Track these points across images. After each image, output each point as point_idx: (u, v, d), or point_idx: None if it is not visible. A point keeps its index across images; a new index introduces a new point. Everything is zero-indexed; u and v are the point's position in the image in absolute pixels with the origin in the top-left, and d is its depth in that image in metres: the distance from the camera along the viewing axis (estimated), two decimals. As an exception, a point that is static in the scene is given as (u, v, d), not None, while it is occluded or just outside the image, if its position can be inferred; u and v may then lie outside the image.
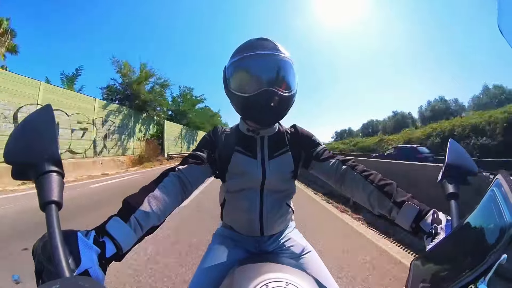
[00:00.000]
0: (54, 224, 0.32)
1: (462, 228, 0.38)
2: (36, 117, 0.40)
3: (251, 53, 0.66)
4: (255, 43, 0.69)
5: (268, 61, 0.67)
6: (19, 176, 0.37)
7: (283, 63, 0.67)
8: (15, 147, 0.37)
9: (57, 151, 0.38)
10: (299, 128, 0.82)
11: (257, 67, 0.67)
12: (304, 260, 0.76)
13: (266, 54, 0.66)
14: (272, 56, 0.66)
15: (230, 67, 0.70)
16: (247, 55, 0.67)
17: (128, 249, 0.46)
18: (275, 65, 0.67)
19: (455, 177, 0.54)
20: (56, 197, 0.34)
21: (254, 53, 0.66)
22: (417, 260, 0.42)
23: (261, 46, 0.67)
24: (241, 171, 0.73)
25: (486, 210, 0.34)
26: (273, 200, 0.75)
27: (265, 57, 0.66)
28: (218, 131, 0.78)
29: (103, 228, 0.43)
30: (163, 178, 0.61)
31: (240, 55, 0.68)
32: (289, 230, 0.85)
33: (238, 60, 0.68)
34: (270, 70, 0.67)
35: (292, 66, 0.69)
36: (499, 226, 0.28)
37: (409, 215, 0.56)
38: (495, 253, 0.25)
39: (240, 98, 0.68)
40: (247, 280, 0.52)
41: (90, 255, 0.37)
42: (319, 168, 0.77)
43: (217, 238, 0.83)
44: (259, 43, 0.68)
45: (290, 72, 0.68)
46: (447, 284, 0.29)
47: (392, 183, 0.63)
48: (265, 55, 0.66)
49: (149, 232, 0.52)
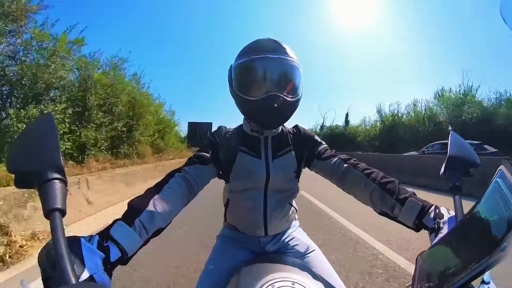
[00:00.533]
0: (59, 231, 0.32)
1: (467, 221, 0.38)
2: (38, 125, 0.41)
3: (259, 56, 0.65)
4: (263, 45, 0.67)
5: (275, 65, 0.66)
6: (22, 184, 0.37)
7: (290, 68, 0.67)
8: (18, 156, 0.37)
9: (59, 159, 0.38)
10: (301, 128, 0.82)
11: (264, 71, 0.66)
12: (309, 259, 0.76)
13: (274, 57, 0.65)
14: (280, 60, 0.65)
15: (237, 67, 0.69)
16: (255, 58, 0.66)
17: (133, 252, 0.46)
18: (283, 69, 0.66)
19: (458, 170, 0.54)
20: (60, 205, 0.35)
21: (262, 56, 0.65)
22: (423, 256, 0.42)
23: (269, 48, 0.66)
24: (246, 171, 0.73)
25: (491, 201, 0.33)
26: (276, 199, 0.75)
27: (273, 60, 0.65)
28: (221, 131, 0.78)
29: (107, 233, 0.44)
30: (169, 179, 0.61)
31: (247, 57, 0.67)
32: (293, 229, 0.85)
33: (245, 62, 0.67)
34: (277, 74, 0.66)
35: (299, 71, 0.68)
36: (505, 217, 0.28)
37: (412, 211, 0.55)
38: (502, 244, 0.25)
39: (245, 100, 0.68)
40: (253, 281, 0.52)
41: (94, 261, 0.37)
42: (321, 166, 0.77)
43: (221, 239, 0.84)
44: (267, 45, 0.67)
45: (297, 77, 0.68)
46: (454, 278, 0.29)
47: (394, 181, 0.63)
48: (273, 59, 0.65)
49: (154, 234, 0.52)
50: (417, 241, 2.45)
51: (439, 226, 0.49)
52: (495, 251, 0.25)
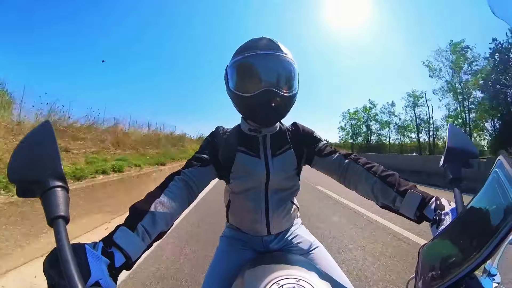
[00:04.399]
0: (63, 239, 0.32)
1: (467, 211, 0.38)
2: (36, 134, 0.41)
3: (253, 53, 0.66)
4: (257, 43, 0.68)
5: (269, 61, 0.66)
6: (24, 194, 0.37)
7: (284, 63, 0.67)
8: (18, 165, 0.37)
9: (60, 166, 0.38)
10: (299, 125, 0.82)
11: (258, 67, 0.66)
12: (312, 255, 0.76)
13: (268, 54, 0.65)
14: (274, 56, 0.66)
15: (231, 66, 0.70)
16: (248, 55, 0.66)
17: (137, 257, 0.46)
18: (277, 65, 0.66)
19: (457, 161, 0.54)
20: (63, 212, 0.35)
21: (256, 53, 0.65)
22: (425, 248, 0.42)
23: (263, 45, 0.67)
24: (245, 170, 0.73)
25: (490, 192, 0.34)
26: (278, 198, 0.75)
27: (266, 57, 0.65)
28: (219, 132, 0.78)
29: (110, 239, 0.44)
30: (169, 183, 0.61)
31: (241, 55, 0.67)
32: (295, 226, 0.85)
33: (239, 60, 0.68)
34: (271, 70, 0.66)
35: (294, 66, 0.68)
36: (503, 206, 0.28)
37: (413, 202, 0.56)
38: (500, 233, 0.25)
39: (241, 97, 0.68)
40: (258, 280, 0.52)
41: (99, 267, 0.37)
42: (321, 163, 0.77)
43: (224, 240, 0.84)
44: (260, 43, 0.68)
45: (291, 72, 0.68)
46: (457, 269, 0.29)
47: (394, 174, 0.63)
48: (267, 55, 0.65)
49: (157, 238, 0.53)
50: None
51: (440, 218, 0.49)
52: (493, 240, 0.25)
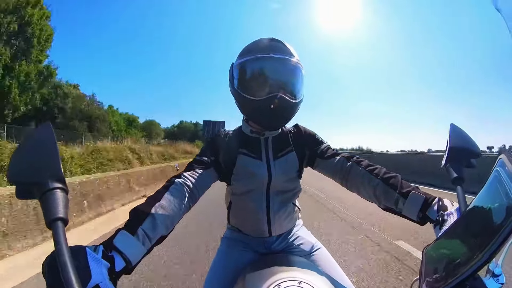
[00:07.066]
0: (62, 241, 0.32)
1: (470, 211, 0.37)
2: (36, 135, 0.41)
3: (264, 55, 0.64)
4: (267, 45, 0.67)
5: (280, 66, 0.65)
6: (23, 195, 0.37)
7: (294, 69, 0.66)
8: (18, 167, 0.37)
9: (60, 168, 0.38)
10: (301, 127, 0.82)
11: (268, 71, 0.65)
12: (314, 257, 0.76)
13: (279, 58, 0.64)
14: (285, 60, 0.65)
15: (240, 66, 0.68)
16: (259, 57, 0.65)
17: (137, 261, 0.46)
18: (287, 70, 0.66)
19: (459, 161, 0.54)
20: (62, 214, 0.34)
21: (267, 55, 0.64)
22: (429, 249, 0.42)
23: (274, 48, 0.65)
24: (247, 172, 0.72)
25: (492, 190, 0.33)
26: (279, 200, 0.75)
27: (277, 61, 0.64)
28: (221, 134, 0.77)
29: (111, 243, 0.43)
30: (169, 186, 0.61)
31: (251, 55, 0.66)
32: (297, 228, 0.85)
33: (249, 61, 0.66)
34: (281, 75, 0.65)
35: (302, 71, 0.68)
36: (505, 205, 0.28)
37: (416, 204, 0.55)
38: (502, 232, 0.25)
39: (247, 100, 0.67)
40: (259, 281, 0.52)
41: (100, 270, 0.37)
42: (324, 165, 0.76)
43: (226, 241, 0.83)
44: (271, 45, 0.66)
45: (300, 78, 0.68)
46: (461, 269, 0.29)
47: (396, 176, 0.63)
48: (278, 59, 0.64)
49: (158, 242, 0.52)
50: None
51: (443, 218, 0.49)
52: (495, 239, 0.25)
